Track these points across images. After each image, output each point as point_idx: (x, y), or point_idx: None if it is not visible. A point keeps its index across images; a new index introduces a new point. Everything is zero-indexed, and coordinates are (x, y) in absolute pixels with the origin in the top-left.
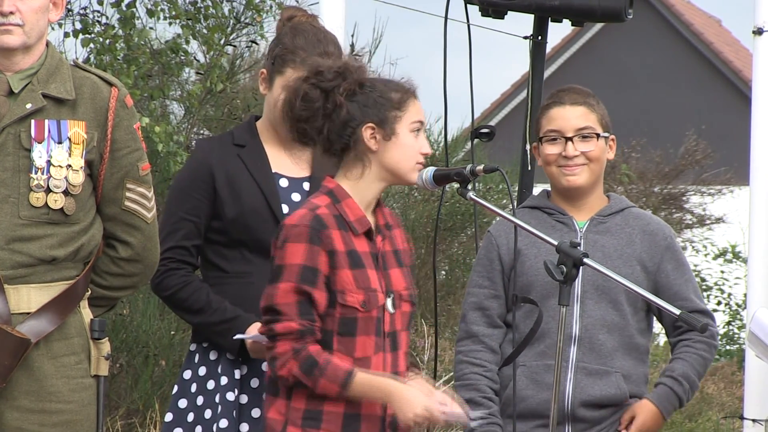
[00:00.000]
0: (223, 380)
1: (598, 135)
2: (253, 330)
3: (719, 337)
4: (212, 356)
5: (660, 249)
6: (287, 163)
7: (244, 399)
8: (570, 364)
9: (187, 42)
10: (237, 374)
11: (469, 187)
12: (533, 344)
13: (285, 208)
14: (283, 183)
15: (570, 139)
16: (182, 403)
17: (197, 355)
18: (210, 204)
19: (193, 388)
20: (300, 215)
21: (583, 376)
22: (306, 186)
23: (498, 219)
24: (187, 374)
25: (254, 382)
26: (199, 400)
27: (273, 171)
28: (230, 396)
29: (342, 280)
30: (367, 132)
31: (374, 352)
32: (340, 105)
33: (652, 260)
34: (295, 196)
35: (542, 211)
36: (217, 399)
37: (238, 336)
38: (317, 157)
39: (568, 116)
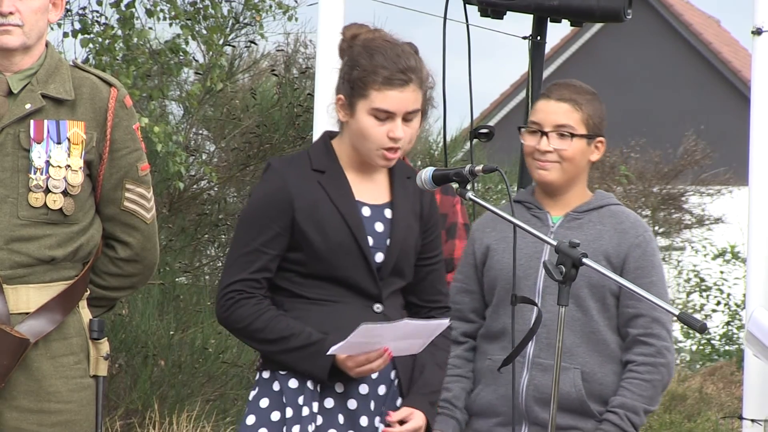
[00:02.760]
0: (304, 411)
1: (573, 134)
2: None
3: (719, 337)
4: (292, 384)
5: (627, 246)
6: (368, 190)
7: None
8: (526, 360)
9: (186, 42)
10: (315, 407)
11: (468, 187)
12: (498, 338)
13: (369, 241)
14: (366, 212)
15: (546, 134)
16: None
17: (275, 383)
18: (289, 236)
19: (275, 416)
20: None
21: (538, 372)
22: (387, 213)
23: (483, 214)
24: (264, 402)
25: (351, 403)
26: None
27: (355, 199)
28: (311, 428)
29: None
30: None
31: None
32: None
33: (618, 256)
34: (378, 226)
35: (523, 205)
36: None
37: (332, 349)
38: (398, 181)
39: (550, 111)
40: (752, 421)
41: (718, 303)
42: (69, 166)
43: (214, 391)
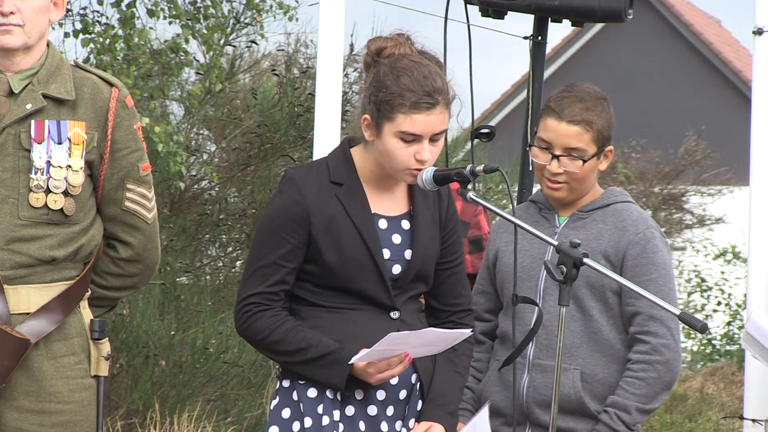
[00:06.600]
0: (324, 420)
1: (585, 159)
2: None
3: (719, 337)
4: (311, 394)
5: (625, 244)
6: (386, 201)
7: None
8: (527, 362)
9: (187, 42)
10: (337, 415)
11: (469, 187)
12: (505, 340)
13: (386, 253)
14: (382, 224)
15: (557, 157)
16: None
17: (294, 393)
18: (305, 248)
19: (296, 427)
20: None
21: (537, 373)
22: (405, 224)
23: (498, 217)
24: (286, 413)
25: (371, 410)
26: None
27: (372, 212)
28: None
29: None
30: None
31: None
32: None
33: (617, 254)
34: (396, 238)
35: (536, 205)
36: None
37: (354, 358)
38: (418, 189)
39: (562, 133)
40: (753, 421)
41: (719, 303)
42: (70, 166)
43: (215, 391)
